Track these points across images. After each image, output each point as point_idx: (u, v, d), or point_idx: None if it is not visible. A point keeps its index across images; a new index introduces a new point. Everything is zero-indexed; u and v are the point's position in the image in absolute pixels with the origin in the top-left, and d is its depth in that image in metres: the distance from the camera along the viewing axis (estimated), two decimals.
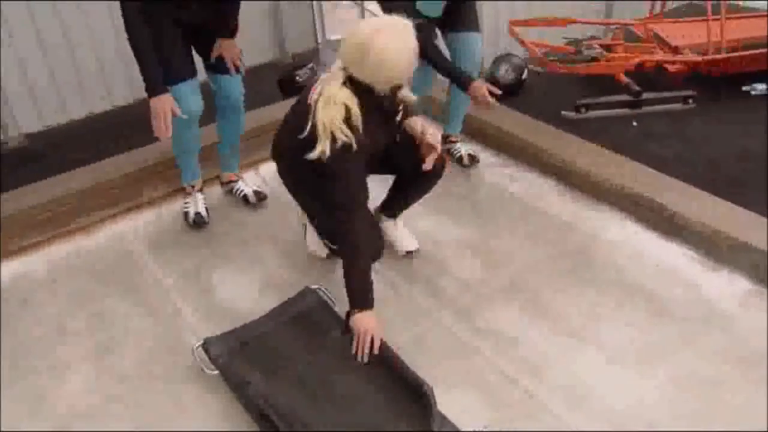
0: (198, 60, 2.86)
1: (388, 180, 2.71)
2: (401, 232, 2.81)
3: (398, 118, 2.44)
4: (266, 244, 2.95)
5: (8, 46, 3.58)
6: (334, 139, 2.13)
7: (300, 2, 4.51)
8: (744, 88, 3.77)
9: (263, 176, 3.31)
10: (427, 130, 2.43)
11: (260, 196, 3.17)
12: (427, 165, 2.41)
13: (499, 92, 2.94)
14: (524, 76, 3.86)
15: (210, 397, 2.24)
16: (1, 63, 3.57)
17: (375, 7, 3.14)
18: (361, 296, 2.21)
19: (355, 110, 2.15)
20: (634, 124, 3.55)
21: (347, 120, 2.14)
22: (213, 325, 2.48)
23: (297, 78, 3.86)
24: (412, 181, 2.62)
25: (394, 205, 2.77)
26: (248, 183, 3.22)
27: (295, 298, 2.52)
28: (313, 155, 2.16)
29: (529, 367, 2.27)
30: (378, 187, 2.75)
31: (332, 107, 2.14)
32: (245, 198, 3.18)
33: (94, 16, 3.77)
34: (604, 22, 4.46)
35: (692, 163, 3.14)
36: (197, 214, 3.08)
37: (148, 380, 2.33)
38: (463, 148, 3.38)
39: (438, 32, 3.08)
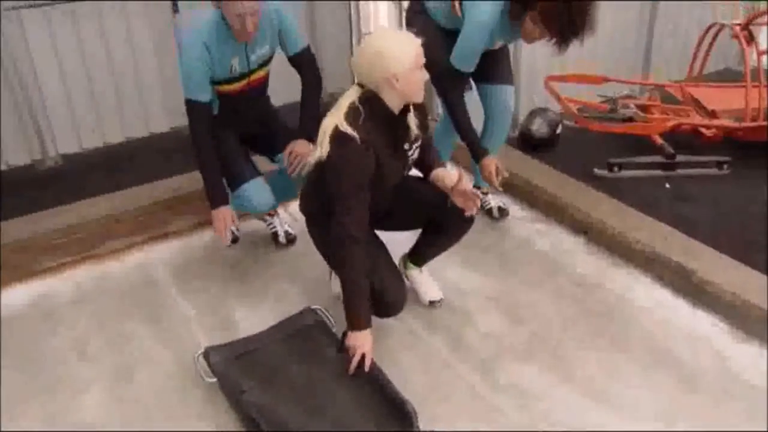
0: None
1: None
2: (426, 280, 2.80)
3: (411, 151, 2.42)
4: (291, 283, 2.95)
5: (54, 67, 3.67)
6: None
7: (339, 40, 4.58)
8: None
9: (292, 213, 3.32)
10: (461, 178, 2.42)
11: (289, 238, 3.20)
12: (470, 211, 2.40)
13: (506, 174, 2.94)
14: (558, 131, 3.85)
15: (221, 429, 2.23)
16: (46, 82, 3.66)
17: None
18: (356, 317, 2.26)
19: (343, 117, 2.19)
20: (667, 185, 3.52)
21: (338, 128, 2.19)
22: None
23: None
24: (442, 230, 2.62)
25: (422, 253, 2.76)
26: (282, 221, 3.23)
27: (295, 316, 2.62)
28: (311, 158, 2.28)
29: (547, 425, 2.23)
30: (407, 235, 2.76)
31: (332, 115, 2.22)
32: (275, 236, 3.20)
33: (139, 44, 3.86)
34: (641, 81, 4.45)
35: (725, 229, 3.09)
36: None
37: (161, 408, 2.33)
38: (493, 201, 3.37)
39: (472, 84, 3.09)
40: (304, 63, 2.86)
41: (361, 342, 2.24)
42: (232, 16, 2.50)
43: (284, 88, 3.15)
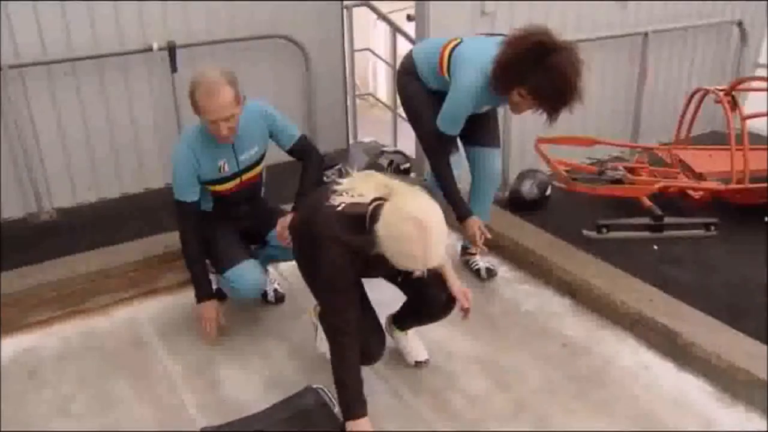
0: None
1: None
2: (412, 341, 2.79)
3: None
4: (276, 342, 2.95)
5: (53, 122, 3.75)
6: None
7: (334, 99, 4.67)
8: (767, 219, 3.76)
9: (282, 272, 3.34)
10: (460, 288, 2.47)
11: (278, 296, 3.22)
12: (463, 315, 2.49)
13: (489, 236, 2.98)
14: (548, 192, 3.90)
15: None
16: (44, 137, 3.74)
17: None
18: (350, 409, 2.25)
19: (345, 221, 2.16)
20: (655, 247, 3.54)
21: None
22: (214, 419, 2.45)
23: (324, 178, 3.94)
24: (426, 309, 2.62)
25: (405, 321, 2.76)
26: (271, 280, 3.24)
27: (295, 396, 2.53)
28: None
29: None
30: (393, 296, 2.75)
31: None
32: (264, 295, 3.20)
33: (137, 101, 3.96)
34: (630, 144, 4.53)
35: (712, 292, 3.11)
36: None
37: None
38: (481, 261, 3.39)
39: (459, 145, 3.15)
40: (303, 151, 2.93)
41: (361, 428, 2.24)
42: (207, 123, 2.61)
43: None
